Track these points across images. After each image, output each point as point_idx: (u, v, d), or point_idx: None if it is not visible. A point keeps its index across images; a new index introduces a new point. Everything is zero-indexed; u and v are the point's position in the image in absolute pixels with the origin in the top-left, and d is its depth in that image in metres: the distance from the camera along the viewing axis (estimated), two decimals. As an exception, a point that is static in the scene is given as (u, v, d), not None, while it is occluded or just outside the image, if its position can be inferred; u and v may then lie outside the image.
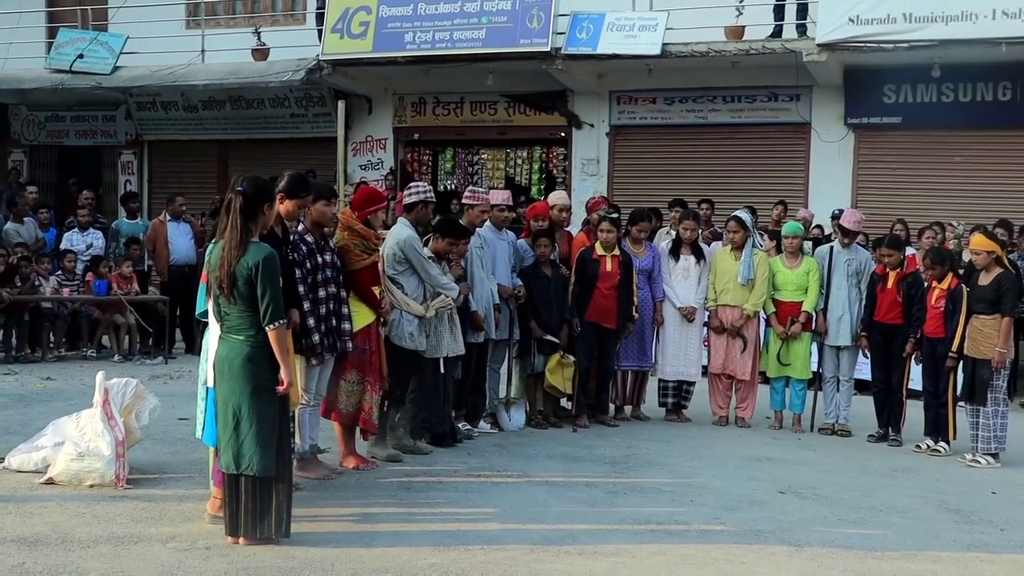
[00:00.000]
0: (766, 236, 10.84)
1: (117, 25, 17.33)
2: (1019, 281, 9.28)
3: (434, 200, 7.74)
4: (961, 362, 8.28)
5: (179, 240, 13.16)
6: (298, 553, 5.15)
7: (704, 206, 12.90)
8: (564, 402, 9.19)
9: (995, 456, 8.11)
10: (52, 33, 17.80)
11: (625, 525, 5.95)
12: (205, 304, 5.56)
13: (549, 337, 8.72)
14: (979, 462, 8.07)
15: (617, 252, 8.96)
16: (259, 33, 16.18)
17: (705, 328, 9.64)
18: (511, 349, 8.85)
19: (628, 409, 9.55)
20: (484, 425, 8.57)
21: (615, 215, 9.26)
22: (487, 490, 6.67)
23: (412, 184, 7.89)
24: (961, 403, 8.36)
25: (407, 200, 7.62)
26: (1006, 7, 12.14)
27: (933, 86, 13.78)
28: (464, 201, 8.53)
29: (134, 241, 13.25)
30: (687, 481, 7.13)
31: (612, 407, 9.45)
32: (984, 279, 8.17)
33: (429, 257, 7.58)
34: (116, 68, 16.53)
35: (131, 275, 12.58)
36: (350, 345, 6.64)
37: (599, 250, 8.94)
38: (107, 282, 12.28)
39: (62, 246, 13.17)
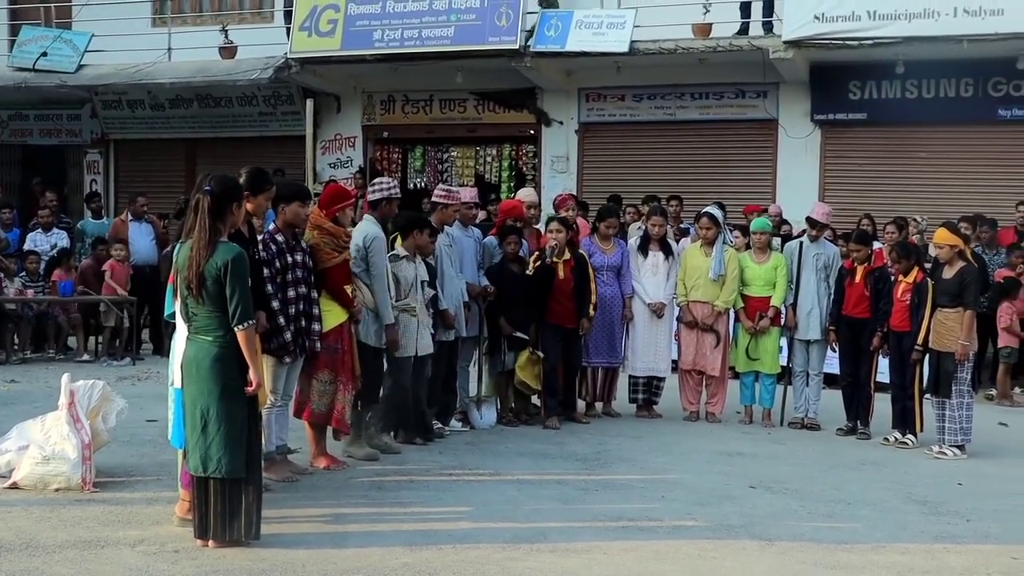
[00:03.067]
0: (737, 232, 10.89)
1: (82, 23, 17.14)
2: (983, 274, 9.40)
3: (399, 196, 7.62)
4: (927, 355, 8.36)
5: (140, 240, 13.02)
6: (268, 555, 5.12)
7: (673, 203, 12.97)
8: (535, 399, 9.19)
9: (961, 448, 8.19)
10: (14, 31, 17.59)
11: (597, 522, 5.96)
12: (173, 305, 5.51)
13: (519, 334, 8.72)
14: (946, 454, 8.15)
15: (568, 256, 8.93)
16: (226, 31, 16.05)
17: (676, 324, 9.68)
18: (480, 347, 8.85)
19: (599, 406, 9.56)
20: (456, 423, 8.57)
21: (562, 215, 9.27)
22: (459, 489, 6.67)
23: (376, 180, 7.79)
24: (927, 395, 8.45)
25: (371, 197, 7.52)
26: (967, 5, 12.29)
27: (897, 82, 13.91)
28: (436, 199, 8.47)
29: (100, 241, 13.12)
30: (658, 477, 7.15)
31: (583, 404, 9.47)
32: (948, 273, 8.25)
33: (405, 256, 7.57)
34: (81, 66, 16.35)
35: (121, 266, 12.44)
36: (318, 345, 6.61)
37: (547, 253, 8.86)
38: (72, 282, 12.15)
39: (26, 247, 13.03)
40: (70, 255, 12.70)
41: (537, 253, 8.93)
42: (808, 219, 9.47)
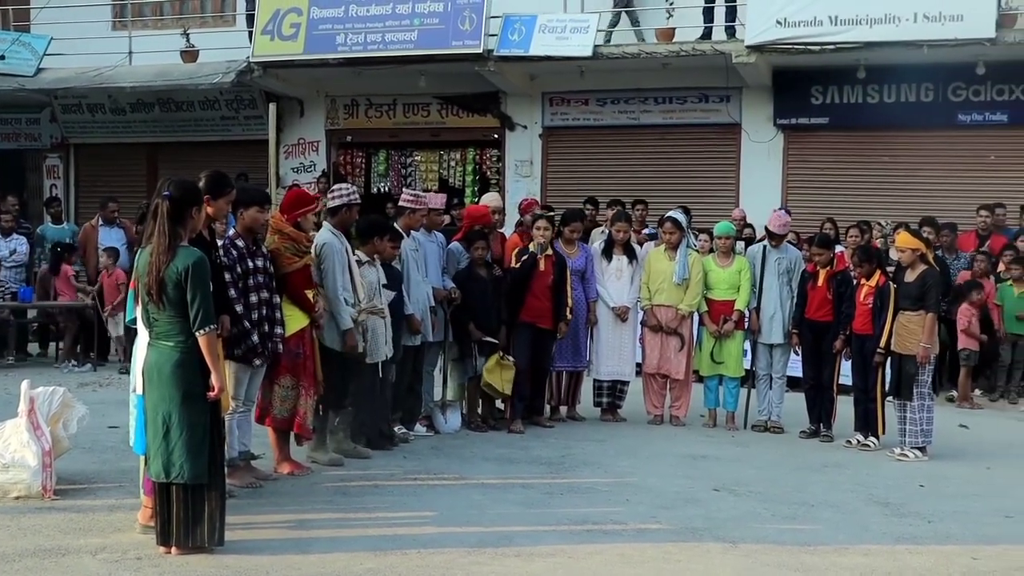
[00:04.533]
0: (705, 236, 10.94)
1: (40, 26, 16.95)
2: (945, 277, 9.49)
3: (359, 202, 7.53)
4: (889, 358, 8.44)
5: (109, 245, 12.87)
6: (232, 561, 5.08)
7: (639, 207, 13.03)
8: (499, 403, 9.18)
9: (922, 450, 8.27)
10: (-29, 34, 17.34)
11: (562, 526, 5.96)
12: (135, 311, 5.46)
13: (488, 339, 8.71)
14: (907, 456, 8.23)
15: (550, 252, 8.99)
16: (188, 34, 15.94)
17: (641, 328, 9.72)
18: (446, 351, 8.83)
19: (563, 410, 9.57)
20: (420, 428, 8.54)
21: (551, 214, 9.30)
22: (423, 493, 6.65)
23: (336, 187, 7.70)
24: (889, 398, 8.53)
25: (331, 204, 7.42)
26: (927, 10, 12.44)
27: (859, 87, 14.06)
28: (404, 204, 8.41)
29: (59, 246, 12.94)
30: (623, 480, 7.17)
31: (547, 408, 9.47)
32: (909, 276, 8.33)
33: (367, 262, 7.53)
34: (40, 70, 16.16)
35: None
36: (280, 347, 6.57)
37: (532, 250, 8.94)
38: (32, 289, 12.00)
39: (-16, 252, 12.85)
40: (73, 250, 12.53)
41: (519, 249, 8.96)
42: (767, 230, 9.54)
